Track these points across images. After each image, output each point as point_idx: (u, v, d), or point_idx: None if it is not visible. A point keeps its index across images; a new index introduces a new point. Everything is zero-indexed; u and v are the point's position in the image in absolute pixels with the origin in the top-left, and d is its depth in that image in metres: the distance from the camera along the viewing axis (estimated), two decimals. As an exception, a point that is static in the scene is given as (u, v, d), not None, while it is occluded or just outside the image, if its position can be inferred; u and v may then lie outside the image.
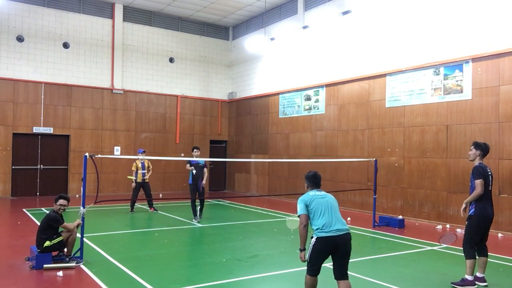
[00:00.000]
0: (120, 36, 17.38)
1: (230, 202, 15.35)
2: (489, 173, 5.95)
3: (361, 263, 6.99)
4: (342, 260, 4.63)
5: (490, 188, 5.90)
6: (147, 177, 12.63)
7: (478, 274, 5.98)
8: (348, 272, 4.60)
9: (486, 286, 5.88)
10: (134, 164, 12.62)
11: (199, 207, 11.04)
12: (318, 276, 5.01)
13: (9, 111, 15.26)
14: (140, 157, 11.48)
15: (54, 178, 16.15)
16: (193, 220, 10.88)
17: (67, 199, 6.79)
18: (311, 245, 4.67)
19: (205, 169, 11.30)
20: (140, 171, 12.51)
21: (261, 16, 18.10)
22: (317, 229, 4.64)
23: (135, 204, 12.96)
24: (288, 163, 15.99)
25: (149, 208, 12.82)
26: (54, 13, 16.15)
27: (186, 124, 18.97)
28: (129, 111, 17.59)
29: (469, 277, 5.76)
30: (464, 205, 5.95)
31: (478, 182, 5.75)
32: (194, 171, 10.87)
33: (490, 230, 9.54)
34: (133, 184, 12.50)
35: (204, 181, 11.12)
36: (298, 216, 4.73)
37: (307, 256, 4.68)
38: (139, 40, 17.90)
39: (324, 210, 4.68)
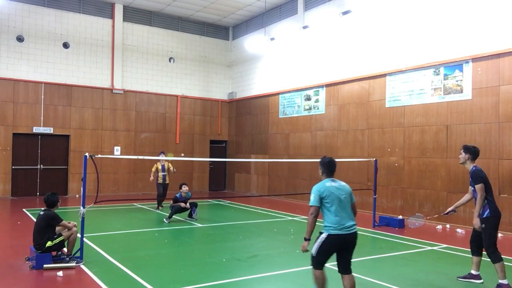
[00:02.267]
0: (120, 36, 17.38)
1: (230, 202, 15.34)
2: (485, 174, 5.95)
3: (361, 263, 6.98)
4: (347, 255, 4.63)
5: (492, 189, 5.93)
6: (167, 179, 13.01)
7: (473, 272, 6.07)
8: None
9: (482, 283, 5.95)
10: (155, 166, 12.92)
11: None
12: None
13: (9, 111, 15.26)
14: (162, 158, 11.58)
15: (54, 178, 16.15)
16: (165, 220, 10.84)
17: None
18: (319, 241, 4.59)
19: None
20: (160, 173, 12.82)
21: (261, 16, 18.10)
22: (329, 225, 4.55)
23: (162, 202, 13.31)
24: (288, 163, 15.99)
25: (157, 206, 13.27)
26: (54, 13, 16.15)
27: (186, 124, 18.97)
28: (129, 111, 17.59)
29: (504, 281, 5.62)
30: (477, 219, 5.80)
31: (479, 187, 5.74)
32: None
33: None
34: (151, 179, 12.94)
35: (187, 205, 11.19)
36: (310, 206, 4.64)
37: (313, 251, 4.60)
38: (139, 40, 17.90)
39: (338, 205, 4.56)
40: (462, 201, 6.30)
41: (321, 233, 4.62)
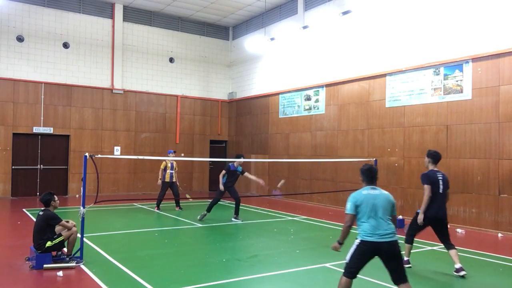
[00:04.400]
0: (120, 36, 17.38)
1: (230, 202, 15.33)
2: (439, 178, 6.71)
3: (361, 263, 6.98)
4: (393, 264, 4.48)
5: (440, 191, 6.67)
6: (175, 178, 12.85)
7: (456, 266, 6.39)
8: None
9: (465, 274, 6.27)
10: (164, 163, 12.75)
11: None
12: (319, 276, 4.99)
13: (9, 111, 15.26)
14: (170, 158, 11.51)
15: (54, 178, 16.15)
16: (199, 217, 11.04)
17: None
18: (353, 246, 4.54)
19: (246, 174, 11.46)
20: (168, 171, 12.69)
21: (261, 16, 18.10)
22: (362, 231, 4.51)
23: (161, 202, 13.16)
24: (288, 163, 15.98)
25: (175, 207, 13.05)
26: (54, 13, 16.15)
27: (186, 124, 18.97)
28: (129, 111, 17.59)
29: (408, 259, 6.69)
30: (421, 215, 6.66)
31: (426, 187, 6.58)
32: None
33: (490, 229, 9.57)
34: (159, 182, 12.69)
35: (260, 182, 11.33)
36: (346, 214, 4.62)
37: (347, 257, 4.56)
38: (139, 40, 17.90)
39: (374, 213, 4.51)
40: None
41: (356, 239, 4.58)
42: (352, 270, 4.50)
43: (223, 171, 11.19)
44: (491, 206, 10.07)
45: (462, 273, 6.23)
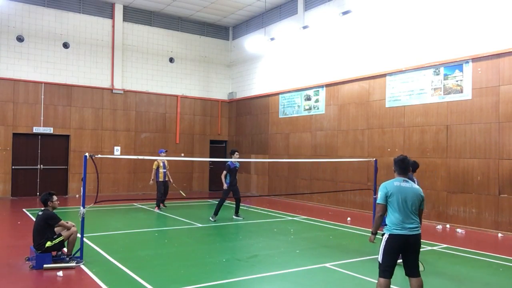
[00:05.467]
0: (120, 36, 17.37)
1: (230, 202, 15.33)
2: None
3: (361, 263, 6.99)
4: (412, 257, 4.58)
5: None
6: (167, 176, 13.07)
7: None
8: (348, 272, 4.59)
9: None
10: (156, 162, 12.92)
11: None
12: (319, 276, 4.97)
13: (9, 111, 15.26)
14: (162, 157, 11.59)
15: (54, 178, 16.15)
16: (211, 218, 11.08)
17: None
18: (382, 243, 4.58)
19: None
20: (161, 170, 12.89)
21: (261, 16, 18.10)
22: (390, 224, 4.55)
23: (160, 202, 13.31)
24: (288, 163, 15.99)
25: (155, 207, 13.11)
26: (54, 13, 16.15)
27: (186, 124, 18.97)
28: (129, 111, 17.59)
29: None
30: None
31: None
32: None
33: (490, 229, 9.61)
34: (151, 182, 12.96)
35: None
36: (377, 204, 4.66)
37: (379, 258, 4.60)
38: (139, 40, 17.89)
39: (402, 205, 4.53)
40: None
41: (383, 234, 4.62)
42: (387, 269, 4.54)
43: (224, 172, 11.26)
44: (491, 206, 10.07)
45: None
